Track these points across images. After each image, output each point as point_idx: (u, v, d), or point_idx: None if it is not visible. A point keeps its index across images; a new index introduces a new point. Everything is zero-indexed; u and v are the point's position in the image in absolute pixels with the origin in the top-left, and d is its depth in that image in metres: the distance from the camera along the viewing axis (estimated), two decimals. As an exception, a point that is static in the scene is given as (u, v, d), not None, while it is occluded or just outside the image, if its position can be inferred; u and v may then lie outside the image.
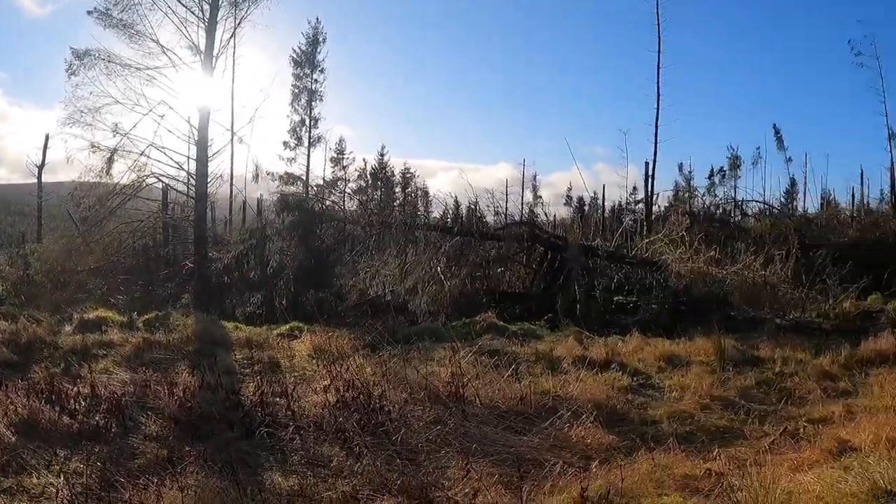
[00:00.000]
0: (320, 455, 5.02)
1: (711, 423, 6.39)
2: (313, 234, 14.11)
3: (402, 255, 14.08)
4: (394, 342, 8.67)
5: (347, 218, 16.01)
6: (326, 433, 5.36)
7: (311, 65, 38.12)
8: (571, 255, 13.77)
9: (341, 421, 5.46)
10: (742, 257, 14.92)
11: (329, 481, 4.46)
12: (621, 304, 13.12)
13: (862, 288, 14.10)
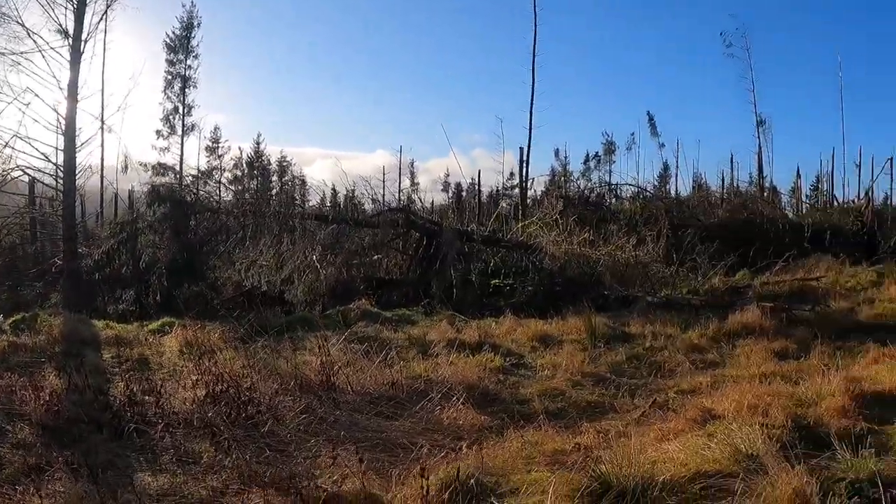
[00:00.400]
0: (190, 452, 4.96)
1: (582, 399, 6.62)
2: (186, 227, 13.81)
3: (278, 245, 13.99)
4: (266, 333, 8.68)
5: (222, 208, 15.76)
6: (196, 429, 5.27)
7: (186, 50, 37.01)
8: (447, 239, 14.00)
9: (211, 416, 5.37)
10: (614, 238, 15.63)
11: (199, 478, 4.45)
12: (497, 287, 13.38)
13: (730, 265, 15.06)
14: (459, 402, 5.98)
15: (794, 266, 15.34)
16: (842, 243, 18.74)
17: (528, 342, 9.05)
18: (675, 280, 14.00)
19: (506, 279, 13.58)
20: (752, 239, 17.11)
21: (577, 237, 15.51)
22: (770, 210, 23.06)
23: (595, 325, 9.27)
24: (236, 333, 8.94)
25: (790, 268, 15.03)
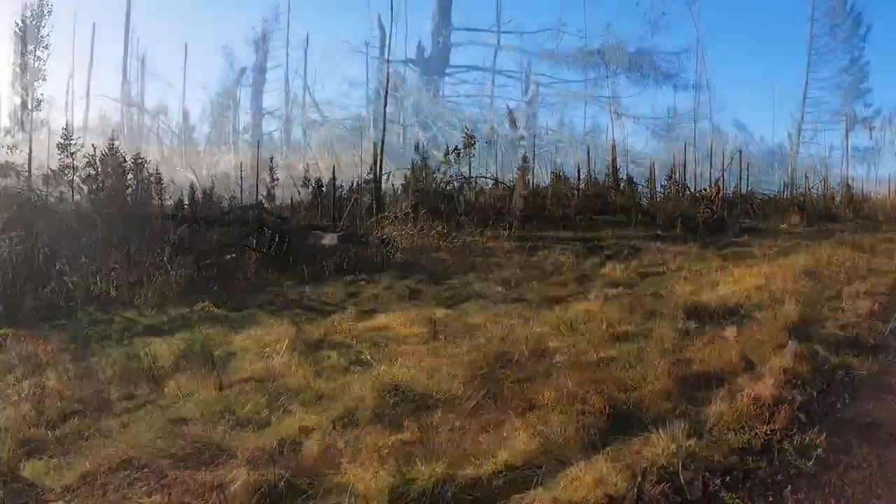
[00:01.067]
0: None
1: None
2: (33, 230, 13.48)
3: (127, 246, 13.82)
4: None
5: (73, 210, 15.45)
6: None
7: (36, 41, 34.95)
8: (297, 236, 14.27)
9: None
10: (466, 230, 16.25)
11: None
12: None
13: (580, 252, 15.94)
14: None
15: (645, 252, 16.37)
16: (692, 229, 20.15)
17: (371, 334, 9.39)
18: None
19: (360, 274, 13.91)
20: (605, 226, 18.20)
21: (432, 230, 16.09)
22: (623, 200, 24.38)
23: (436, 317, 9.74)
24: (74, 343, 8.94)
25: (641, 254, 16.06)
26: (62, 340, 9.20)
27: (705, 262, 14.79)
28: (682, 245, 17.83)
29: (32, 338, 9.19)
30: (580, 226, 22.39)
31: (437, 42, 19.18)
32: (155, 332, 9.54)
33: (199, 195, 16.04)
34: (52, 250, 12.51)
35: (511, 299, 10.61)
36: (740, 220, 24.46)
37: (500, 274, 12.80)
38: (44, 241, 12.61)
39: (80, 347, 8.88)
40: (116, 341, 9.19)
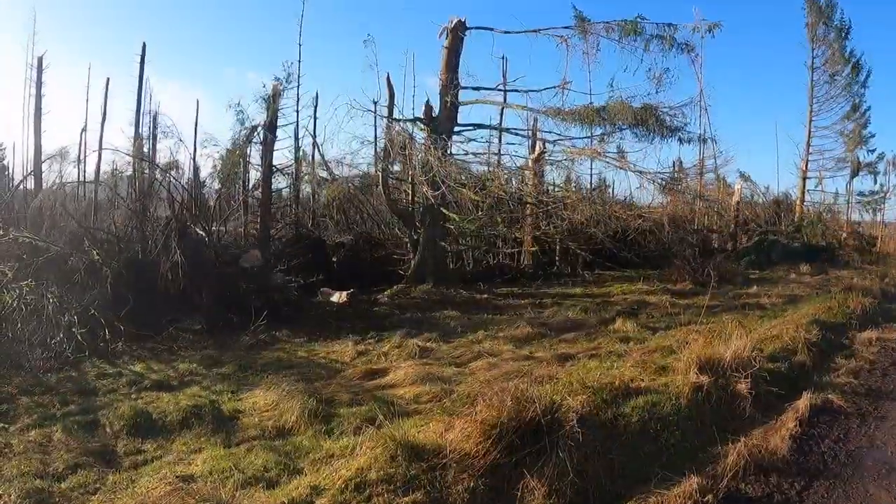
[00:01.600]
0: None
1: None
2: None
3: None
4: None
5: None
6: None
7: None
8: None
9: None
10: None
11: None
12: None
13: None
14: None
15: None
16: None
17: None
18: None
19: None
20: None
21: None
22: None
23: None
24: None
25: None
26: (70, 392, 9.23)
27: (716, 315, 14.65)
28: (691, 298, 17.95)
29: (40, 388, 9.24)
30: (589, 281, 22.50)
31: (445, 101, 19.31)
32: (163, 387, 9.51)
33: (211, 252, 15.90)
34: (63, 301, 12.49)
35: (521, 357, 10.53)
36: (749, 270, 24.45)
37: (509, 331, 12.73)
38: (54, 291, 12.59)
39: (88, 400, 8.89)
40: (124, 395, 9.18)
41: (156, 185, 18.82)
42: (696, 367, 7.71)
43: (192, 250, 14.74)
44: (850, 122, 40.73)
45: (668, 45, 18.09)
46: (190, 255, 14.39)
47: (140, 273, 14.18)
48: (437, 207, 19.82)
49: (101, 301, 12.85)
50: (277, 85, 19.92)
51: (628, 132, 18.56)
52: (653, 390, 7.28)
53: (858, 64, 40.56)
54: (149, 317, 13.31)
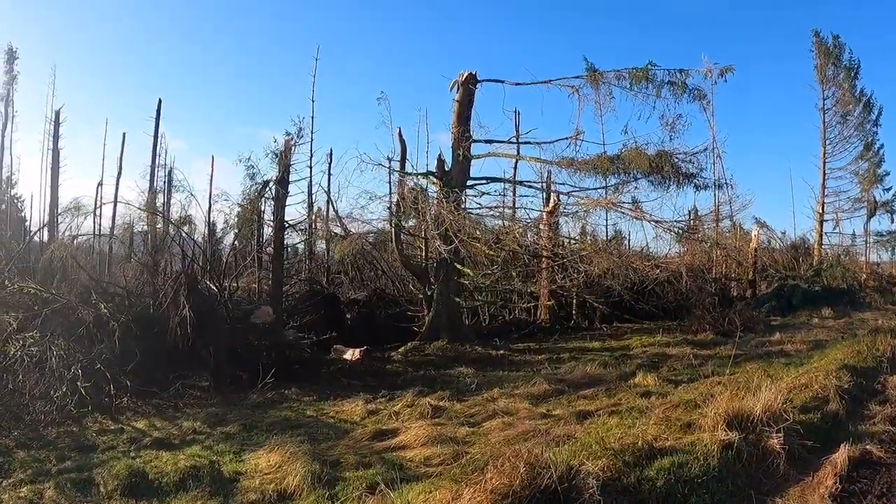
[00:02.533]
0: None
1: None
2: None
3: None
4: None
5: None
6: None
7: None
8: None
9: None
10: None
11: None
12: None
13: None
14: None
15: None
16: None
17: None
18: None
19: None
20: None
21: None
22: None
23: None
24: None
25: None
26: (68, 447, 8.97)
27: (740, 365, 14.14)
28: (713, 348, 17.51)
29: (38, 442, 9.02)
30: (607, 335, 22.01)
31: (457, 154, 19.11)
32: (164, 446, 9.17)
33: (222, 308, 15.62)
34: (69, 354, 12.20)
35: (538, 416, 10.05)
36: (770, 317, 23.89)
37: (526, 388, 12.25)
38: (60, 343, 12.31)
39: (86, 456, 8.59)
40: (123, 452, 8.87)
41: (168, 239, 18.65)
42: (724, 423, 7.22)
43: (201, 305, 14.43)
44: (864, 162, 40.71)
45: (680, 91, 17.86)
46: (199, 310, 14.07)
47: (149, 327, 13.94)
48: (451, 262, 19.49)
49: (109, 355, 12.58)
50: (289, 140, 19.77)
51: (643, 181, 18.21)
52: (679, 450, 6.79)
53: (870, 102, 40.62)
54: (156, 372, 13.07)
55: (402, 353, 17.55)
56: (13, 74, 38.31)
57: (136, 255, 18.22)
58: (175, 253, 17.11)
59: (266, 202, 21.68)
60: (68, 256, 18.08)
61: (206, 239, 22.60)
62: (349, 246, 22.52)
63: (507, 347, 18.94)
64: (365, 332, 19.62)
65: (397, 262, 23.55)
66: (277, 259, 19.27)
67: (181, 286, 14.40)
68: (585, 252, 19.38)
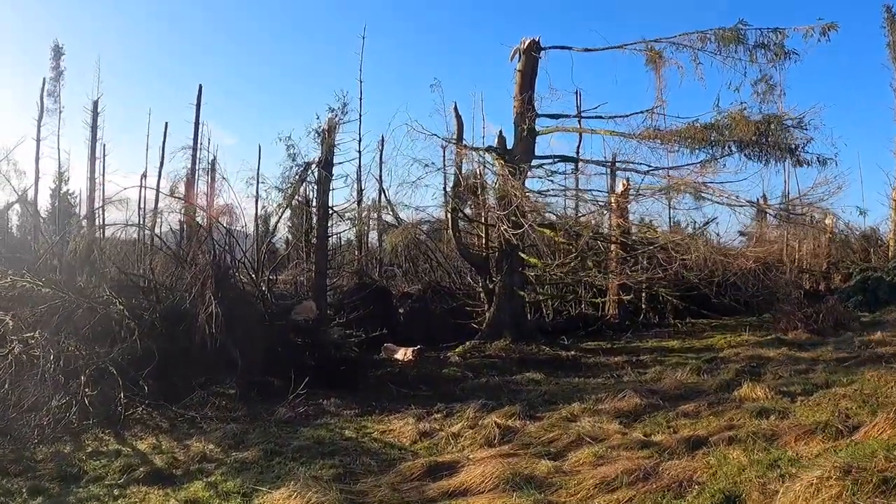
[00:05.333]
0: None
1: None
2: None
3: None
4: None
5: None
6: None
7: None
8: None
9: None
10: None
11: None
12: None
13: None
14: None
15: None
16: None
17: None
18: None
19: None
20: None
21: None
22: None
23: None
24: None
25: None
26: (49, 475, 7.43)
27: (853, 371, 12.13)
28: (812, 350, 15.16)
29: (17, 466, 7.64)
30: (684, 332, 19.87)
31: (521, 129, 16.95)
32: (160, 479, 7.39)
33: (258, 303, 13.83)
34: (76, 356, 10.49)
35: (636, 443, 7.80)
36: (857, 312, 21.34)
37: (612, 403, 10.05)
38: (63, 345, 10.55)
39: (64, 490, 7.06)
40: (108, 487, 7.17)
41: (200, 229, 16.85)
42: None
43: (234, 300, 12.64)
44: None
45: (777, 55, 15.26)
46: (230, 305, 12.24)
47: (175, 325, 12.10)
48: (516, 252, 17.35)
49: (130, 357, 11.04)
50: (332, 117, 17.86)
51: (735, 157, 15.70)
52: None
53: None
54: (179, 376, 11.34)
55: (459, 353, 15.56)
56: (60, 70, 37.30)
57: (167, 245, 16.40)
58: (220, 245, 15.19)
59: (309, 187, 19.72)
60: (95, 248, 16.40)
61: (249, 230, 20.84)
62: (401, 235, 20.45)
63: (576, 347, 16.93)
64: (418, 329, 17.81)
65: (454, 251, 21.60)
66: (321, 248, 17.47)
67: (209, 278, 12.56)
68: (673, 241, 16.86)
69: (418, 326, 18.17)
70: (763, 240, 22.66)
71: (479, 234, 21.11)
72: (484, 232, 20.24)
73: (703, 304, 21.69)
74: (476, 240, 21.68)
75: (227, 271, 13.55)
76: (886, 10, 37.50)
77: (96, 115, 32.88)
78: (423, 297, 20.46)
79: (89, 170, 32.70)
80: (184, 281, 13.60)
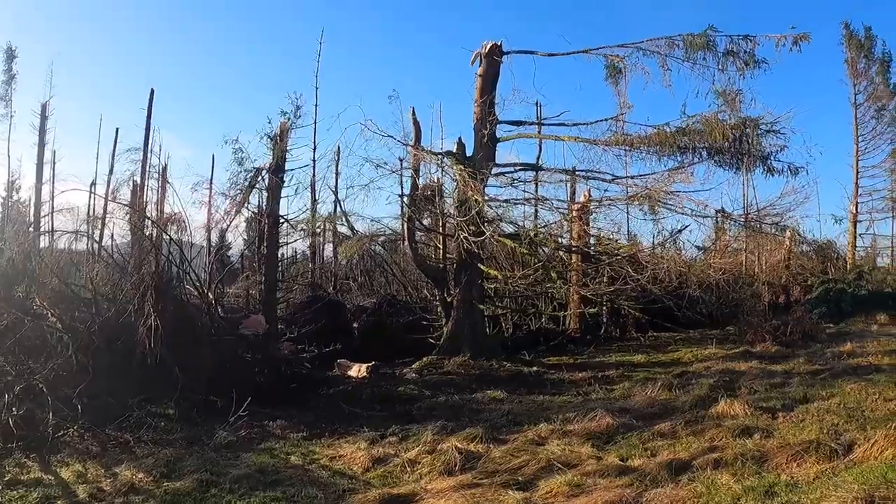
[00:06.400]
0: None
1: None
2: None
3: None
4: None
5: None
6: None
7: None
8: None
9: None
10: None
11: None
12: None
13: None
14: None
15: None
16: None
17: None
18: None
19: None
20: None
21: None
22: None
23: None
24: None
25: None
26: None
27: (829, 384, 11.91)
28: (784, 363, 14.80)
29: None
30: (648, 346, 19.44)
31: (482, 135, 16.28)
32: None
33: (204, 317, 12.95)
34: (6, 373, 9.57)
35: (613, 469, 7.06)
36: (822, 324, 21.18)
37: (582, 423, 9.29)
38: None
39: None
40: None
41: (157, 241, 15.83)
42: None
43: (177, 313, 11.78)
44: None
45: (747, 64, 14.76)
46: (174, 318, 11.40)
47: (114, 340, 11.20)
48: (475, 263, 16.61)
49: (64, 373, 10.07)
50: (285, 122, 16.93)
51: (702, 165, 15.20)
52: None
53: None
54: (117, 395, 10.32)
55: (416, 370, 14.80)
56: (12, 74, 36.27)
57: (110, 254, 15.39)
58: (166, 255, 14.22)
59: (260, 194, 18.68)
60: (33, 258, 15.32)
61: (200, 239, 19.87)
62: (356, 246, 19.57)
63: (539, 363, 16.21)
64: (374, 344, 17.04)
65: (410, 264, 20.82)
66: (271, 260, 16.63)
67: (149, 289, 11.69)
68: (642, 251, 16.27)
69: (373, 341, 17.36)
70: (726, 251, 22.43)
71: (437, 244, 20.34)
72: (441, 243, 19.48)
73: (667, 317, 21.29)
74: (433, 251, 20.91)
75: (171, 282, 12.71)
76: (845, 27, 38.54)
77: (45, 118, 31.81)
78: (378, 311, 19.61)
79: (36, 176, 31.57)
80: (125, 292, 12.71)
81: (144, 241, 15.84)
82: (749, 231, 18.91)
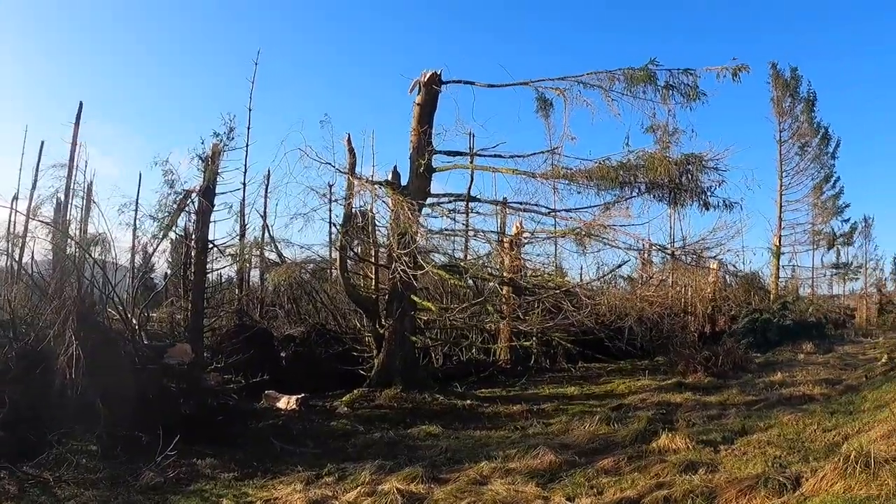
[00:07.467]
0: None
1: None
2: None
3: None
4: None
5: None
6: None
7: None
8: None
9: None
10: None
11: None
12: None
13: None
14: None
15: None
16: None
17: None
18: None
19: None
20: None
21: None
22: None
23: None
24: None
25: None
26: None
27: (766, 414, 12.22)
28: (717, 393, 15.29)
29: None
30: (579, 377, 19.58)
31: (417, 165, 16.14)
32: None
33: (128, 345, 12.37)
34: None
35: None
36: (750, 353, 21.78)
37: (524, 460, 9.13)
38: None
39: None
40: None
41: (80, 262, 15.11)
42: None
43: (98, 340, 11.19)
44: (823, 194, 40.85)
45: (689, 96, 14.93)
46: (95, 346, 10.82)
47: (32, 368, 10.56)
48: (408, 294, 16.37)
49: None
50: (217, 144, 16.50)
51: (638, 199, 15.33)
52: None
53: (828, 134, 40.69)
54: (35, 429, 9.74)
55: (347, 402, 14.41)
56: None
57: (29, 275, 14.64)
58: (88, 277, 13.55)
59: (189, 218, 18.13)
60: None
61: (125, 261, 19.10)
62: (285, 273, 19.09)
63: (471, 395, 16.03)
64: (303, 375, 16.61)
65: (340, 292, 20.44)
66: (198, 285, 16.05)
67: (70, 314, 11.10)
68: (580, 285, 16.28)
69: (302, 372, 16.89)
70: (659, 284, 22.77)
71: (368, 274, 20.05)
72: (374, 273, 19.20)
73: (597, 348, 21.43)
74: (364, 281, 20.60)
75: (94, 307, 12.13)
76: (772, 67, 40.00)
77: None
78: (306, 341, 19.16)
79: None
80: (46, 316, 12.08)
81: (67, 261, 15.19)
82: (678, 264, 19.16)
